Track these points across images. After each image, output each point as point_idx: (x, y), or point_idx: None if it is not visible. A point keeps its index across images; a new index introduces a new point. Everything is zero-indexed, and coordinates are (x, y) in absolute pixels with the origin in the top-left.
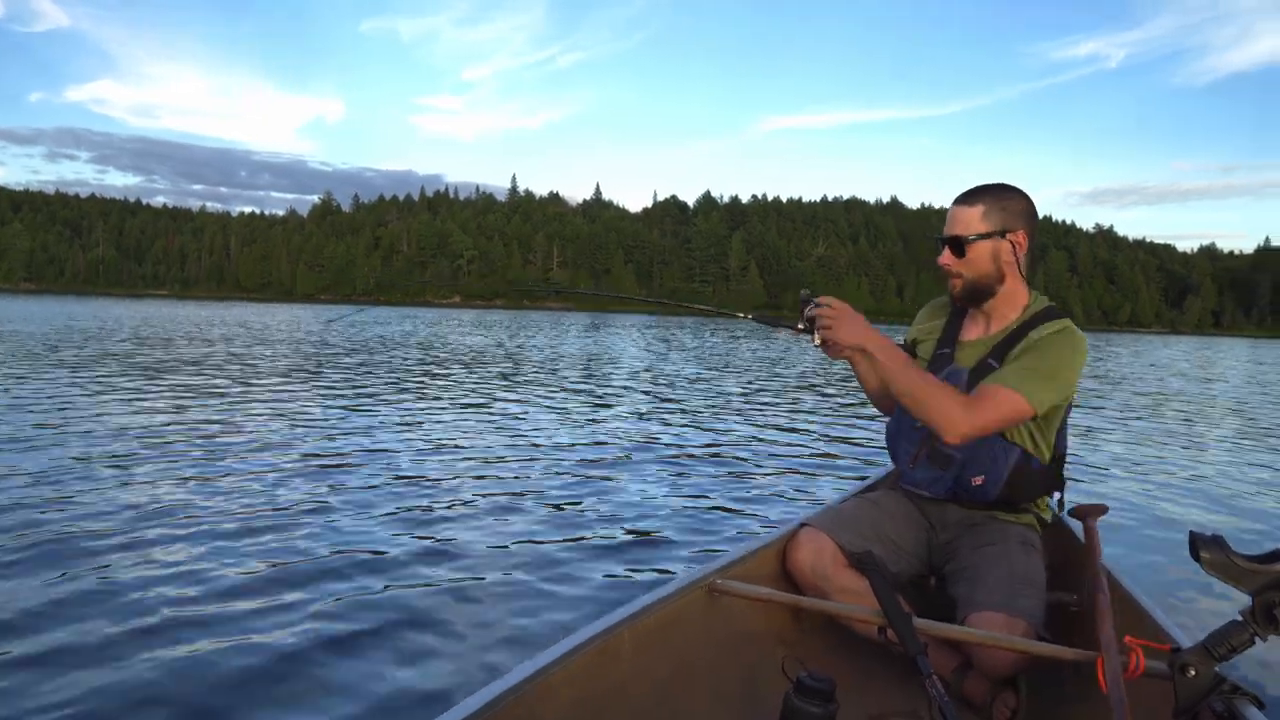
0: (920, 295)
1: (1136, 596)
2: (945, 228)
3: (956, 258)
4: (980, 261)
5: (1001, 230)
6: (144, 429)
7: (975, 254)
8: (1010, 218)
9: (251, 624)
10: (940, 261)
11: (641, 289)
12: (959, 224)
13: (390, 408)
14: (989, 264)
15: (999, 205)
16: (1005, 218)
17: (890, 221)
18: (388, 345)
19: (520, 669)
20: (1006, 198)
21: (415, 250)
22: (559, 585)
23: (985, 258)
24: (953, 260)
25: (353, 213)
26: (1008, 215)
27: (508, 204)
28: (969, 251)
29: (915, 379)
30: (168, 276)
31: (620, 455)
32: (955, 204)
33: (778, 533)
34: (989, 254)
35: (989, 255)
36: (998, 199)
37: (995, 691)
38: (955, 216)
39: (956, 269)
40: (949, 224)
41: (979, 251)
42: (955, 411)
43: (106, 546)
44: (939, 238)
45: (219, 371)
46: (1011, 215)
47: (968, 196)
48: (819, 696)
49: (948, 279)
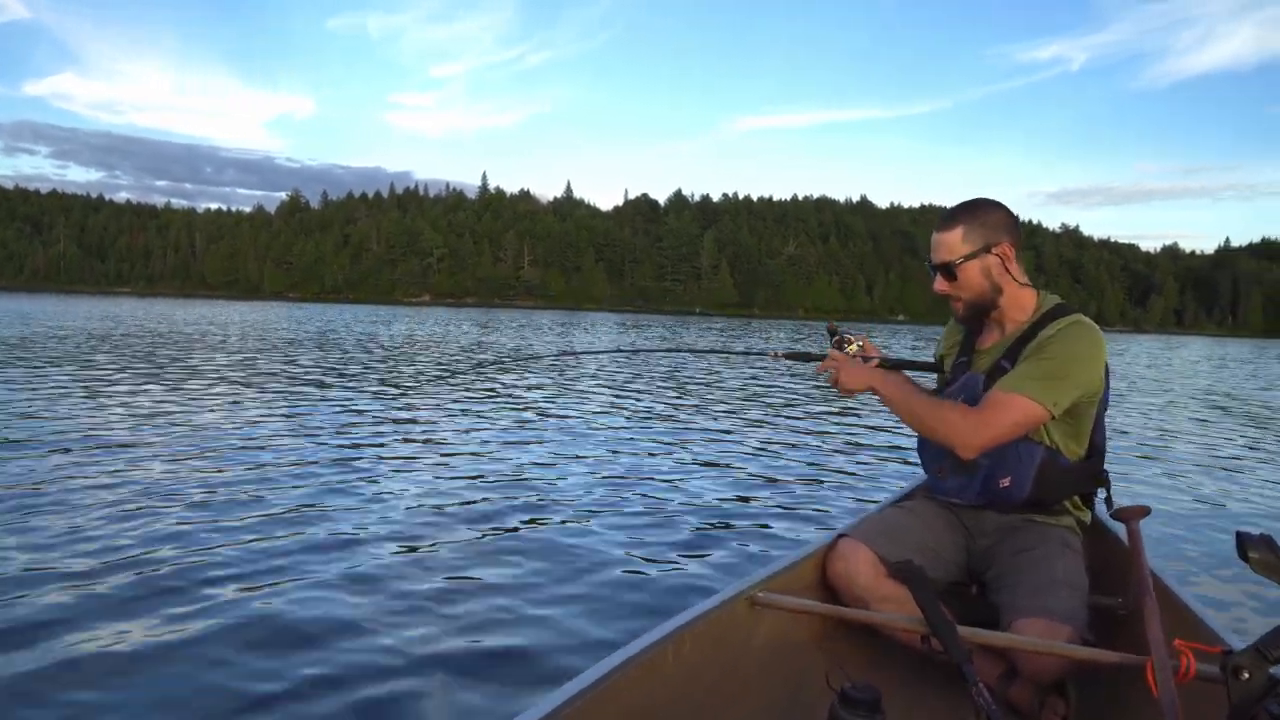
0: (889, 294)
1: (1184, 599)
2: (932, 255)
3: (949, 282)
4: (973, 282)
5: (985, 246)
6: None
7: (966, 275)
8: (990, 232)
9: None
10: (936, 289)
11: (612, 287)
12: (943, 249)
13: (434, 411)
14: (982, 281)
15: (977, 222)
16: (986, 233)
17: (860, 221)
18: (429, 345)
19: (567, 686)
20: (983, 213)
21: (385, 248)
22: (594, 600)
23: (977, 277)
24: (947, 285)
25: (321, 210)
26: (987, 230)
27: (478, 202)
28: (959, 274)
29: (919, 406)
30: (132, 274)
31: (643, 465)
32: (936, 231)
33: (816, 544)
34: (979, 272)
35: (979, 273)
36: (974, 216)
37: (1042, 698)
38: (938, 243)
39: (953, 293)
40: (934, 251)
41: (969, 272)
42: (964, 428)
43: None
44: (930, 266)
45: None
46: (991, 229)
47: (945, 222)
48: (864, 707)
49: (948, 303)
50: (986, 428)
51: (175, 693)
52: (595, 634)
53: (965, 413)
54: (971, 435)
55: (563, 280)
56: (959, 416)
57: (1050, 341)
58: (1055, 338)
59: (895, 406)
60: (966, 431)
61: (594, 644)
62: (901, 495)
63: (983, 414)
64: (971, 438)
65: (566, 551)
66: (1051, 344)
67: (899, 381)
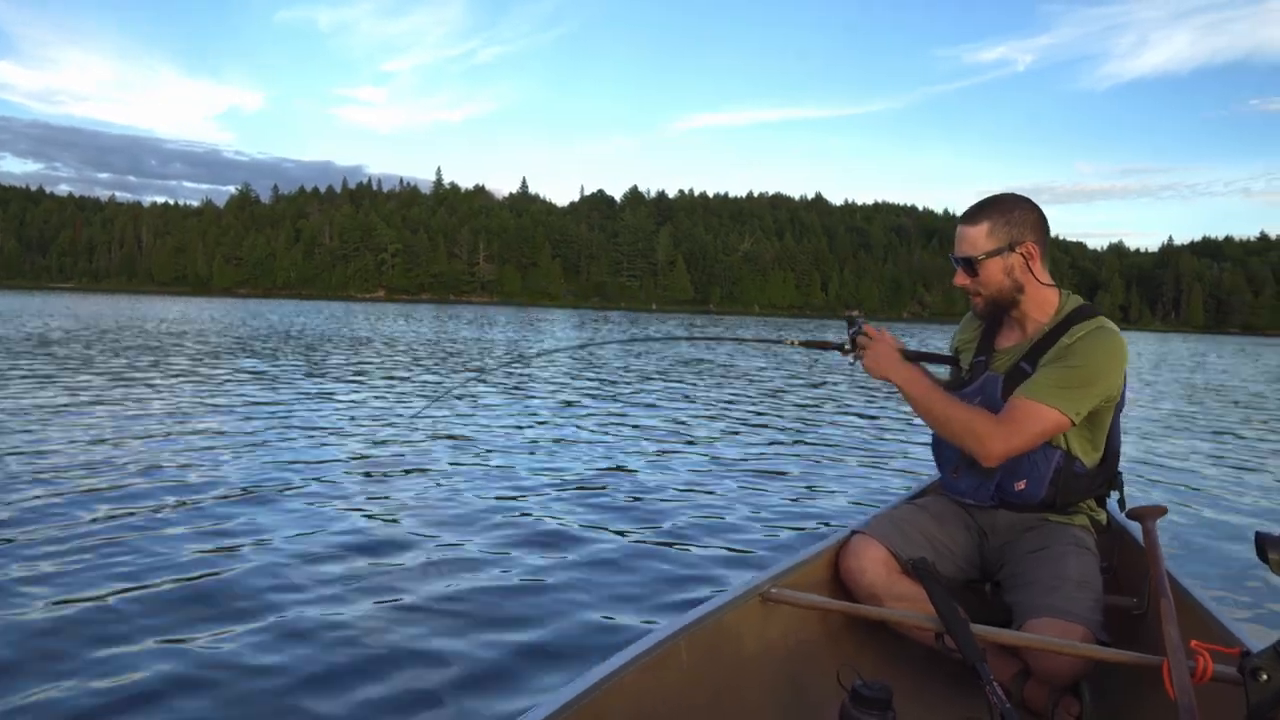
0: (844, 290)
1: (1200, 599)
2: (955, 248)
3: (971, 277)
4: (994, 278)
5: (1009, 244)
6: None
7: (988, 272)
8: (1016, 230)
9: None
10: (956, 282)
11: (568, 283)
12: (967, 244)
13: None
14: (1003, 279)
15: (1003, 219)
16: (1011, 231)
17: (815, 217)
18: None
19: (580, 680)
20: (1010, 210)
21: (338, 243)
22: (605, 594)
23: (998, 274)
24: (968, 280)
25: (272, 204)
26: (1013, 228)
27: (433, 197)
28: (981, 270)
29: (942, 408)
30: (74, 269)
31: (656, 458)
32: (961, 223)
33: (830, 540)
34: (1001, 270)
35: (1001, 271)
36: (1002, 213)
37: (1057, 698)
38: (962, 236)
39: (974, 288)
40: (958, 244)
41: (991, 269)
42: (988, 437)
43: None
44: (952, 258)
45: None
46: (1017, 227)
47: (972, 215)
48: (876, 705)
49: (969, 297)
50: (1010, 437)
51: (169, 689)
52: (606, 629)
53: (989, 421)
54: (995, 444)
55: (518, 276)
56: (982, 424)
57: (1073, 349)
58: (1078, 345)
59: (917, 404)
60: (990, 440)
61: (606, 639)
62: (916, 493)
63: (1006, 424)
64: (995, 447)
65: (573, 547)
66: (1075, 351)
67: (923, 378)
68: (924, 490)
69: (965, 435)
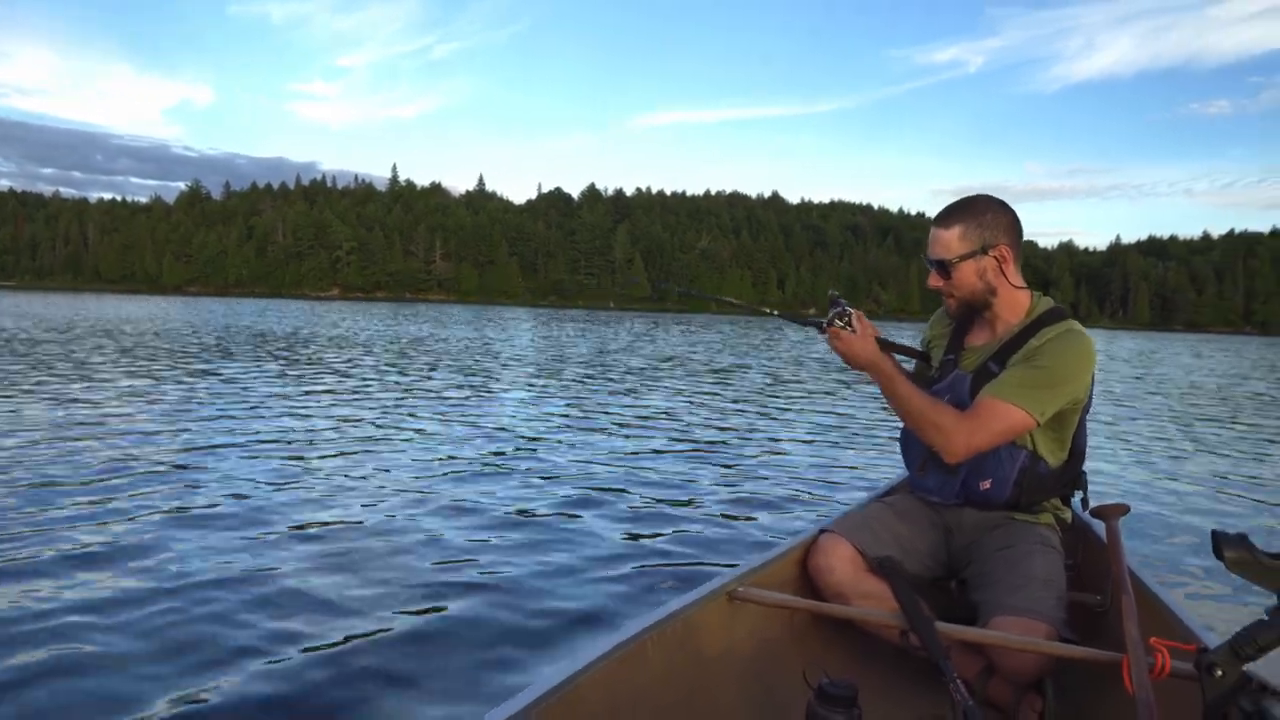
0: (800, 288)
1: (1161, 596)
2: (928, 250)
3: (944, 279)
4: (967, 281)
5: (982, 247)
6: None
7: (960, 275)
8: (989, 233)
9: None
10: (930, 284)
11: (526, 281)
12: (940, 247)
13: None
14: (976, 281)
15: (976, 222)
16: (984, 234)
17: (772, 215)
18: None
19: (545, 678)
20: (983, 213)
21: (291, 241)
22: (573, 594)
23: (971, 277)
24: (941, 282)
25: (223, 201)
26: (985, 231)
27: (388, 194)
28: (954, 273)
29: (913, 404)
30: (17, 267)
31: (631, 457)
32: (934, 225)
33: (798, 539)
34: (974, 272)
35: (974, 274)
36: (975, 216)
37: (1020, 694)
38: (935, 239)
39: (947, 290)
40: (931, 247)
41: (964, 272)
42: (952, 432)
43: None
44: (926, 260)
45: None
46: (990, 230)
47: (945, 218)
48: (841, 703)
49: (943, 298)
50: (973, 434)
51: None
52: (571, 627)
53: (955, 417)
54: (958, 440)
55: (476, 275)
56: (949, 420)
57: (1042, 350)
58: (1046, 347)
59: (889, 397)
60: (953, 435)
61: (570, 637)
62: (884, 490)
63: (971, 420)
64: (958, 442)
65: (539, 544)
66: (1043, 353)
67: (897, 371)
68: (892, 488)
69: (930, 429)
